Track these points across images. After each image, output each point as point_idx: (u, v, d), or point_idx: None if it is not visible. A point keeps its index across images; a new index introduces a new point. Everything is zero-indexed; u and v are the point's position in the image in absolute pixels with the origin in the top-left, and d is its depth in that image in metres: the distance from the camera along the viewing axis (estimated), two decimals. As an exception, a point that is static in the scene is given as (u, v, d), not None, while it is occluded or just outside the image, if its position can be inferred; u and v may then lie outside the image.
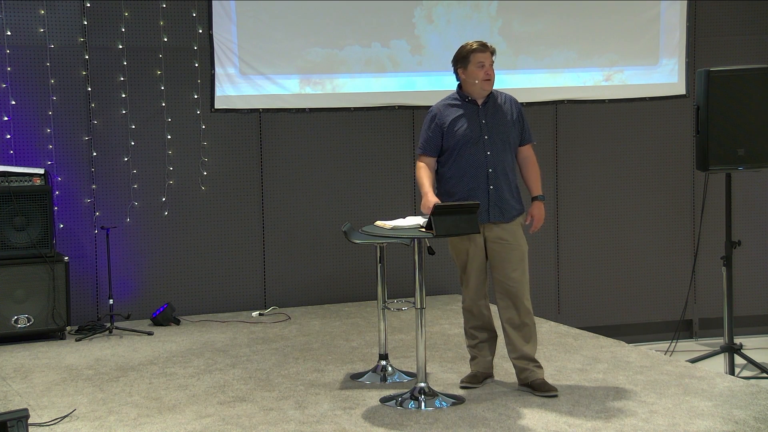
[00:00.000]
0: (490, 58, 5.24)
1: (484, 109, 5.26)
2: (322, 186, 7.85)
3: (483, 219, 5.16)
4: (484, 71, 5.20)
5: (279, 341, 6.62)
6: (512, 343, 5.27)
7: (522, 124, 5.34)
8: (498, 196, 5.19)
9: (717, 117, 6.55)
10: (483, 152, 5.18)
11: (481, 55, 5.21)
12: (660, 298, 8.43)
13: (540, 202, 5.34)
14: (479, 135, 5.19)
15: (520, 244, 5.26)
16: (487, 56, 5.22)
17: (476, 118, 5.23)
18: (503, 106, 5.30)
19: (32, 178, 6.83)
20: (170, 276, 7.50)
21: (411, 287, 5.22)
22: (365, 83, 7.84)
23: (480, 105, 5.27)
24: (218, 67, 7.50)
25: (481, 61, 5.20)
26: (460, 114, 5.25)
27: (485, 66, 5.21)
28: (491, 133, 5.21)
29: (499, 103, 5.30)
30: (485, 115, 5.24)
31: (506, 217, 5.22)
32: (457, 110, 5.27)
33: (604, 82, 8.24)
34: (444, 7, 7.93)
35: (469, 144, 5.18)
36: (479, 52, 5.21)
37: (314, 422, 4.81)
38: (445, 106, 5.32)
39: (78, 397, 5.36)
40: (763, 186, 8.50)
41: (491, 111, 5.26)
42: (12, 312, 6.69)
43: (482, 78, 5.21)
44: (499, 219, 5.21)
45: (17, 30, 7.10)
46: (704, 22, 8.44)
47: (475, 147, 5.18)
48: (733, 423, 4.68)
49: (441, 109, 5.31)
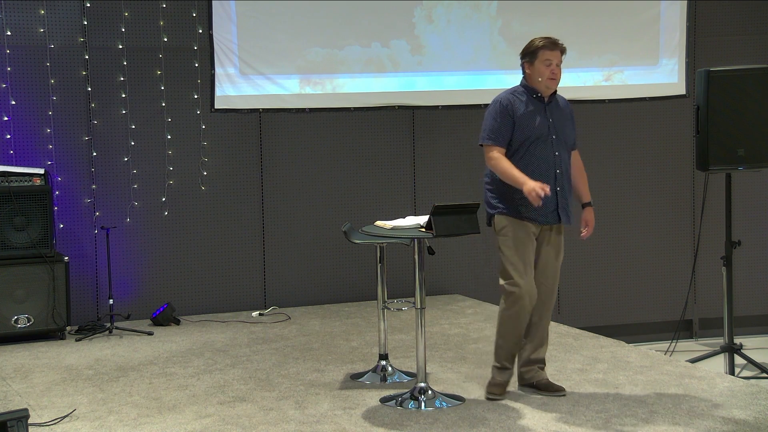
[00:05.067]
0: (559, 57, 5.02)
1: (549, 108, 5.07)
2: (322, 186, 7.85)
3: (552, 220, 5.01)
4: (550, 70, 4.99)
5: (279, 341, 6.62)
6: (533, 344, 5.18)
7: (574, 128, 5.19)
8: (564, 199, 5.04)
9: (717, 117, 6.55)
10: (552, 152, 5.00)
11: (550, 53, 4.99)
12: (660, 298, 8.43)
13: (591, 208, 5.21)
14: (548, 133, 5.00)
15: (562, 251, 5.16)
16: (555, 55, 5.00)
17: (545, 116, 5.04)
18: (564, 108, 5.14)
19: (32, 178, 6.83)
20: (170, 276, 7.50)
21: (411, 287, 5.22)
22: (365, 83, 7.84)
23: (546, 102, 5.07)
24: (218, 67, 7.50)
25: (549, 59, 4.99)
26: (531, 110, 5.02)
27: (552, 65, 4.99)
28: (558, 133, 5.04)
29: (561, 104, 5.13)
30: (551, 114, 5.05)
31: (571, 221, 5.09)
32: (527, 105, 5.02)
33: (604, 82, 8.24)
34: (444, 7, 7.93)
35: (539, 141, 4.98)
36: (548, 50, 4.99)
37: (314, 422, 4.81)
38: (515, 98, 5.05)
39: (78, 397, 5.35)
40: (763, 186, 8.50)
41: (556, 111, 5.08)
42: (12, 312, 6.69)
43: (547, 76, 4.99)
44: (566, 222, 5.08)
45: (17, 30, 7.10)
46: (704, 22, 8.44)
47: (545, 145, 4.99)
48: (733, 423, 4.68)
49: (513, 102, 5.03)
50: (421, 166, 8.05)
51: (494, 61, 8.05)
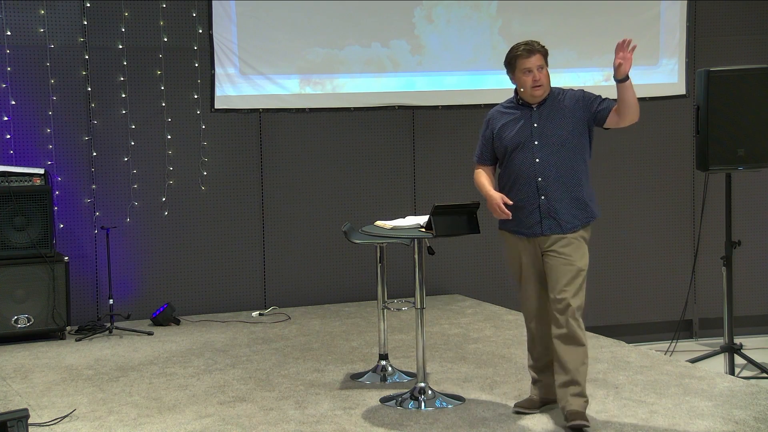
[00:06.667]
0: (539, 61, 4.69)
1: (538, 112, 4.74)
2: (322, 186, 7.85)
3: (536, 232, 4.69)
4: (531, 78, 4.68)
5: (279, 341, 6.62)
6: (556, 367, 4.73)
7: (589, 104, 4.74)
8: (551, 207, 4.66)
9: (717, 117, 6.55)
10: (532, 159, 4.69)
11: (526, 61, 4.68)
12: (660, 298, 8.43)
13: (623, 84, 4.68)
14: (529, 140, 4.70)
15: (575, 259, 4.69)
16: (533, 60, 4.67)
17: (528, 122, 4.74)
18: (562, 105, 4.75)
19: (32, 178, 6.83)
20: (170, 276, 7.50)
21: (411, 287, 5.22)
22: (365, 83, 7.84)
23: (535, 108, 4.75)
24: (218, 67, 7.50)
25: (527, 68, 4.68)
26: (512, 119, 4.77)
27: (533, 71, 4.68)
28: (543, 137, 4.69)
29: (558, 103, 4.75)
30: (539, 119, 4.72)
31: (564, 229, 4.68)
32: (510, 115, 4.79)
33: (604, 82, 8.24)
34: (444, 7, 7.93)
35: (519, 149, 4.71)
36: (523, 58, 4.68)
37: (314, 422, 4.81)
38: (499, 111, 4.86)
39: (78, 397, 5.35)
40: (763, 186, 8.50)
41: (546, 113, 4.73)
42: (12, 312, 6.69)
43: (530, 85, 4.69)
44: (555, 231, 4.69)
45: (17, 30, 7.10)
46: (704, 22, 8.44)
47: (525, 153, 4.70)
48: (733, 423, 4.67)
49: (494, 116, 4.86)
50: (421, 166, 8.05)
51: (494, 61, 8.04)
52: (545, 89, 4.73)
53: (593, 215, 4.78)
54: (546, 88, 4.73)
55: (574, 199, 4.70)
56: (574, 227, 4.70)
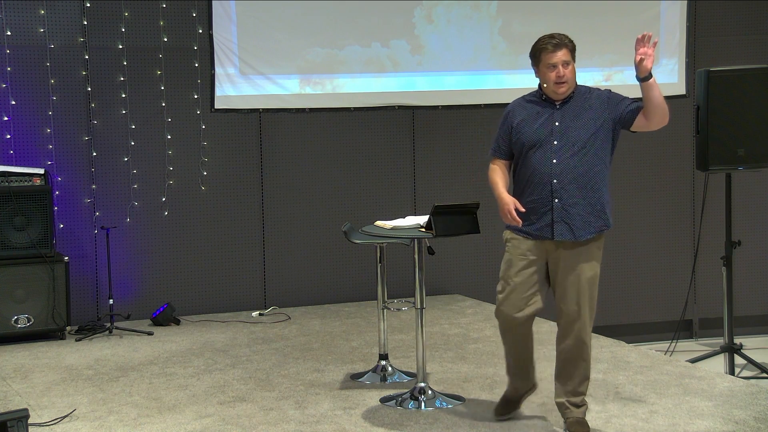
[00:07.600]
0: (566, 56, 4.44)
1: (561, 111, 4.49)
2: (322, 186, 7.85)
3: (545, 234, 4.47)
4: (555, 73, 4.44)
5: (279, 341, 6.62)
6: (560, 377, 4.61)
7: (615, 105, 4.50)
8: (565, 212, 4.43)
9: (717, 117, 6.55)
10: (549, 159, 4.44)
11: (552, 56, 4.43)
12: (660, 298, 8.43)
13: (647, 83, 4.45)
14: (548, 139, 4.46)
15: (585, 270, 4.52)
16: (559, 55, 4.43)
17: (550, 120, 4.49)
18: (587, 105, 4.50)
19: (32, 178, 6.83)
20: (170, 276, 7.50)
21: (411, 287, 5.22)
22: (365, 83, 7.84)
23: (558, 105, 4.51)
24: (218, 67, 7.50)
25: (552, 63, 4.44)
26: (533, 114, 4.53)
27: (558, 67, 4.43)
28: (563, 137, 4.44)
29: (584, 103, 4.51)
30: (561, 118, 4.48)
31: (577, 236, 4.45)
32: (532, 110, 4.55)
33: (604, 82, 8.23)
34: (444, 7, 7.93)
35: (537, 148, 4.46)
36: (548, 52, 4.44)
37: (314, 422, 4.81)
38: (521, 104, 4.61)
39: (78, 397, 5.35)
40: (763, 186, 8.50)
41: (570, 113, 4.48)
42: (12, 312, 6.69)
43: (553, 81, 4.44)
44: (567, 237, 4.45)
45: (17, 30, 7.10)
46: (704, 22, 8.44)
47: (543, 152, 4.46)
48: (733, 423, 4.68)
49: (515, 108, 4.61)
50: (421, 166, 8.05)
51: (494, 61, 8.05)
52: (570, 86, 4.48)
53: (608, 224, 4.55)
54: (571, 85, 4.48)
55: (589, 205, 4.46)
56: (588, 234, 4.48)
